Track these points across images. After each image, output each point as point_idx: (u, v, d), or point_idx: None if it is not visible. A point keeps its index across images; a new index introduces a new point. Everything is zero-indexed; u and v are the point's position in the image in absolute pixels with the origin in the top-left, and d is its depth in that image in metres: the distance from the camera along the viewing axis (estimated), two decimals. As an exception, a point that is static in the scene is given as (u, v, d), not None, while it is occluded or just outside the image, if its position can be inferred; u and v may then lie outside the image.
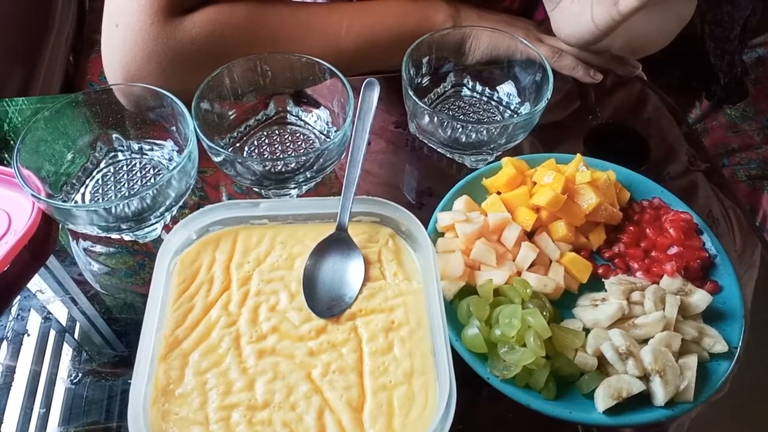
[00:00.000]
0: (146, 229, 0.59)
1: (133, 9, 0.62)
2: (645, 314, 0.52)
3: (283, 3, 0.69)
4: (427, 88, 0.73)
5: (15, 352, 0.55)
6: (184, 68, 0.64)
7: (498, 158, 0.64)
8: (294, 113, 0.70)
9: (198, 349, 0.47)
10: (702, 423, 0.53)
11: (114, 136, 0.65)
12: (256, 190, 0.63)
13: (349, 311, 0.50)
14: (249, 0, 0.67)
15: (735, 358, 0.51)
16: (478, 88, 0.74)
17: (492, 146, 0.65)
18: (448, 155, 0.69)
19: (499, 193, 0.61)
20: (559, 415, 0.48)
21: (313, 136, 0.69)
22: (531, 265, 0.56)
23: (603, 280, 0.56)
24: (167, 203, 0.57)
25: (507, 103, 0.73)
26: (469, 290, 0.54)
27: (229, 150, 0.65)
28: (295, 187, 0.62)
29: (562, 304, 0.55)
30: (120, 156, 0.66)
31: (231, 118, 0.67)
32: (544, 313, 0.50)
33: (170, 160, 0.65)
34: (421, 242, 0.52)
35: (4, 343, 0.55)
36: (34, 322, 0.56)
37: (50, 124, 0.60)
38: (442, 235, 0.58)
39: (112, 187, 0.63)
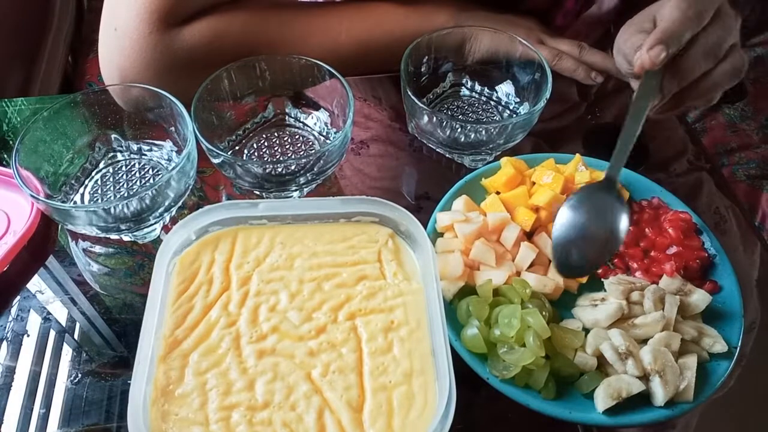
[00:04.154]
0: (145, 230, 0.59)
1: (132, 16, 0.62)
2: (644, 314, 0.52)
3: (282, 9, 0.69)
4: (426, 88, 0.73)
5: (15, 353, 0.55)
6: (182, 76, 0.64)
7: (497, 158, 0.64)
8: (292, 115, 0.70)
9: (198, 349, 0.47)
10: (702, 423, 0.53)
11: (113, 136, 0.65)
12: (257, 192, 0.63)
13: (348, 311, 0.50)
14: (248, 8, 0.67)
15: (734, 358, 0.51)
16: (477, 88, 0.74)
17: (491, 146, 0.65)
18: (447, 155, 0.69)
19: (498, 193, 0.61)
20: (558, 415, 0.48)
21: (312, 138, 0.69)
22: (530, 265, 0.56)
23: (602, 280, 0.56)
24: (166, 204, 0.57)
25: (506, 103, 0.73)
26: (468, 290, 0.54)
27: (229, 153, 0.65)
28: (296, 190, 0.62)
29: (561, 304, 0.55)
30: (119, 156, 0.66)
31: (230, 120, 0.67)
32: (544, 313, 0.50)
33: (169, 160, 0.65)
34: (420, 242, 0.52)
35: (4, 343, 0.55)
36: (34, 322, 0.56)
37: (49, 125, 0.60)
38: (441, 235, 0.58)
39: (111, 188, 0.63)
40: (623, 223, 0.52)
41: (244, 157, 0.66)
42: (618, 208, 0.53)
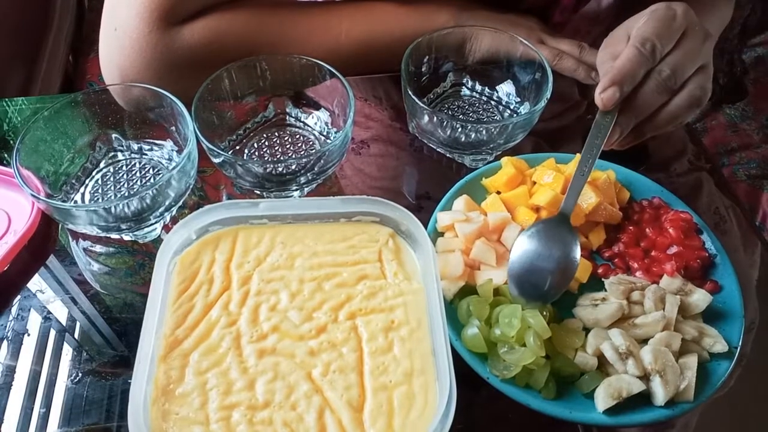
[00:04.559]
0: (146, 229, 0.59)
1: (132, 16, 0.62)
2: (645, 314, 0.52)
3: (282, 8, 0.69)
4: (426, 88, 0.73)
5: (15, 352, 0.55)
6: (182, 76, 0.64)
7: (497, 158, 0.64)
8: (293, 115, 0.70)
9: (198, 349, 0.47)
10: (702, 423, 0.53)
11: (113, 136, 0.65)
12: (258, 192, 0.63)
13: (349, 310, 0.50)
14: (248, 7, 0.67)
15: (735, 358, 0.51)
16: (478, 87, 0.74)
17: (491, 146, 0.65)
18: (447, 155, 0.69)
19: (498, 192, 0.61)
20: (559, 415, 0.48)
21: (312, 137, 0.69)
22: (531, 265, 0.56)
23: (603, 279, 0.56)
24: (167, 203, 0.57)
25: (506, 102, 0.73)
26: (469, 290, 0.54)
27: (229, 152, 0.65)
28: (296, 189, 0.62)
29: (562, 304, 0.55)
30: (119, 156, 0.66)
31: (231, 119, 0.67)
32: (544, 312, 0.50)
33: (170, 160, 0.65)
34: (420, 242, 0.52)
35: (4, 343, 0.55)
36: (34, 322, 0.56)
37: (50, 124, 0.60)
38: (441, 234, 0.58)
39: (112, 187, 0.63)
40: (576, 252, 0.54)
41: (245, 157, 0.66)
42: (571, 239, 0.54)
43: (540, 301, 0.52)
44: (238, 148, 0.67)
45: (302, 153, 0.67)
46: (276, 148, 0.68)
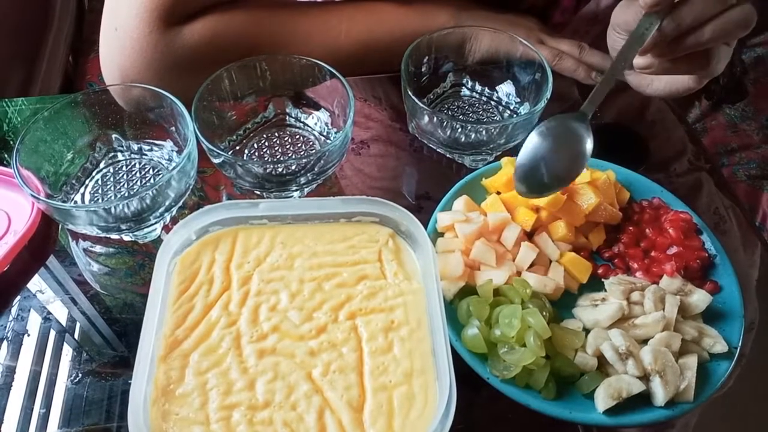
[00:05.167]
0: (146, 230, 0.59)
1: (132, 16, 0.62)
2: (645, 314, 0.52)
3: (282, 8, 0.69)
4: (426, 88, 0.73)
5: (15, 352, 0.55)
6: (183, 76, 0.64)
7: (497, 158, 0.64)
8: (293, 115, 0.70)
9: (198, 349, 0.47)
10: (702, 423, 0.53)
11: (113, 136, 0.65)
12: (258, 192, 0.63)
13: (349, 310, 0.50)
14: (248, 7, 0.67)
15: (735, 358, 0.51)
16: (478, 88, 0.74)
17: (491, 146, 0.65)
18: (447, 155, 0.69)
19: (498, 193, 0.61)
20: (559, 415, 0.48)
21: (312, 137, 0.69)
22: (531, 265, 0.56)
23: (603, 280, 0.56)
24: (167, 203, 0.57)
25: (506, 103, 0.73)
26: (469, 290, 0.54)
27: (229, 153, 0.65)
28: (296, 190, 0.62)
29: (562, 304, 0.55)
30: (119, 156, 0.66)
31: (231, 120, 0.67)
32: (544, 313, 0.50)
33: (170, 160, 0.65)
34: (420, 242, 0.52)
35: (4, 343, 0.55)
36: (34, 322, 0.56)
37: (50, 125, 0.60)
38: (441, 235, 0.58)
39: (112, 188, 0.63)
40: (588, 147, 0.55)
41: (245, 157, 0.66)
42: (584, 135, 0.55)
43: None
44: (238, 148, 0.67)
45: (302, 153, 0.67)
46: (276, 148, 0.68)
